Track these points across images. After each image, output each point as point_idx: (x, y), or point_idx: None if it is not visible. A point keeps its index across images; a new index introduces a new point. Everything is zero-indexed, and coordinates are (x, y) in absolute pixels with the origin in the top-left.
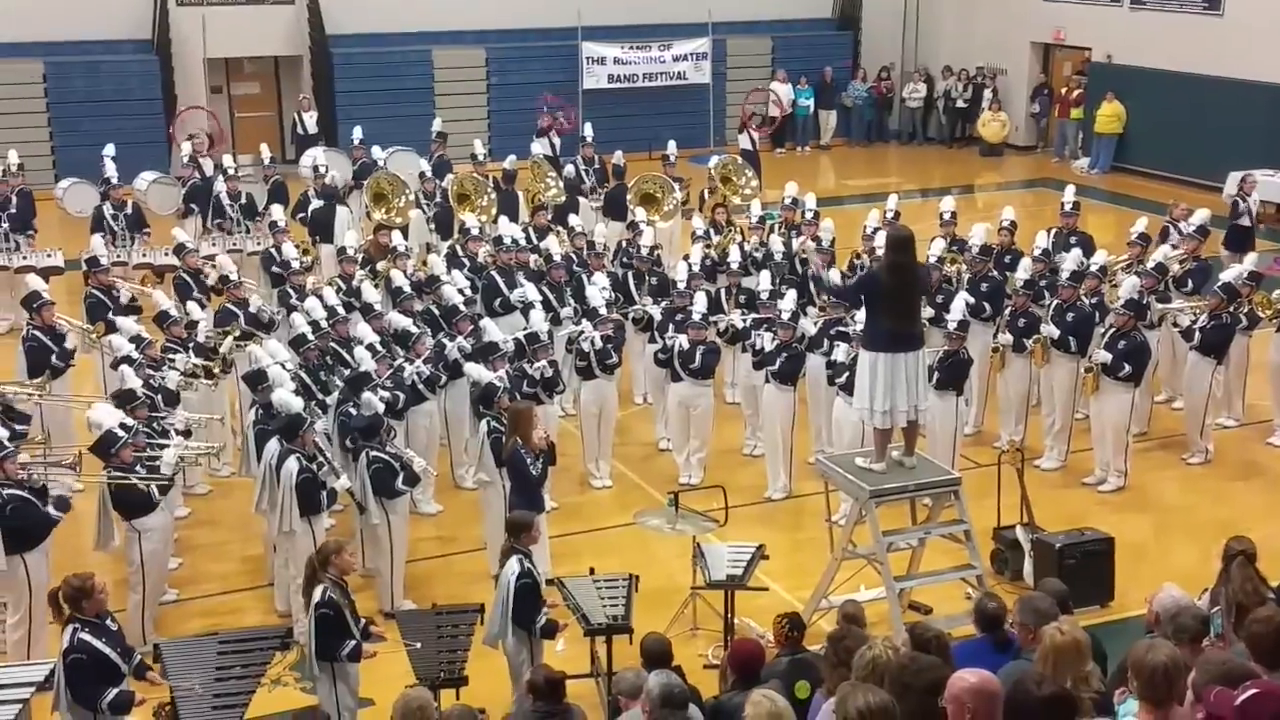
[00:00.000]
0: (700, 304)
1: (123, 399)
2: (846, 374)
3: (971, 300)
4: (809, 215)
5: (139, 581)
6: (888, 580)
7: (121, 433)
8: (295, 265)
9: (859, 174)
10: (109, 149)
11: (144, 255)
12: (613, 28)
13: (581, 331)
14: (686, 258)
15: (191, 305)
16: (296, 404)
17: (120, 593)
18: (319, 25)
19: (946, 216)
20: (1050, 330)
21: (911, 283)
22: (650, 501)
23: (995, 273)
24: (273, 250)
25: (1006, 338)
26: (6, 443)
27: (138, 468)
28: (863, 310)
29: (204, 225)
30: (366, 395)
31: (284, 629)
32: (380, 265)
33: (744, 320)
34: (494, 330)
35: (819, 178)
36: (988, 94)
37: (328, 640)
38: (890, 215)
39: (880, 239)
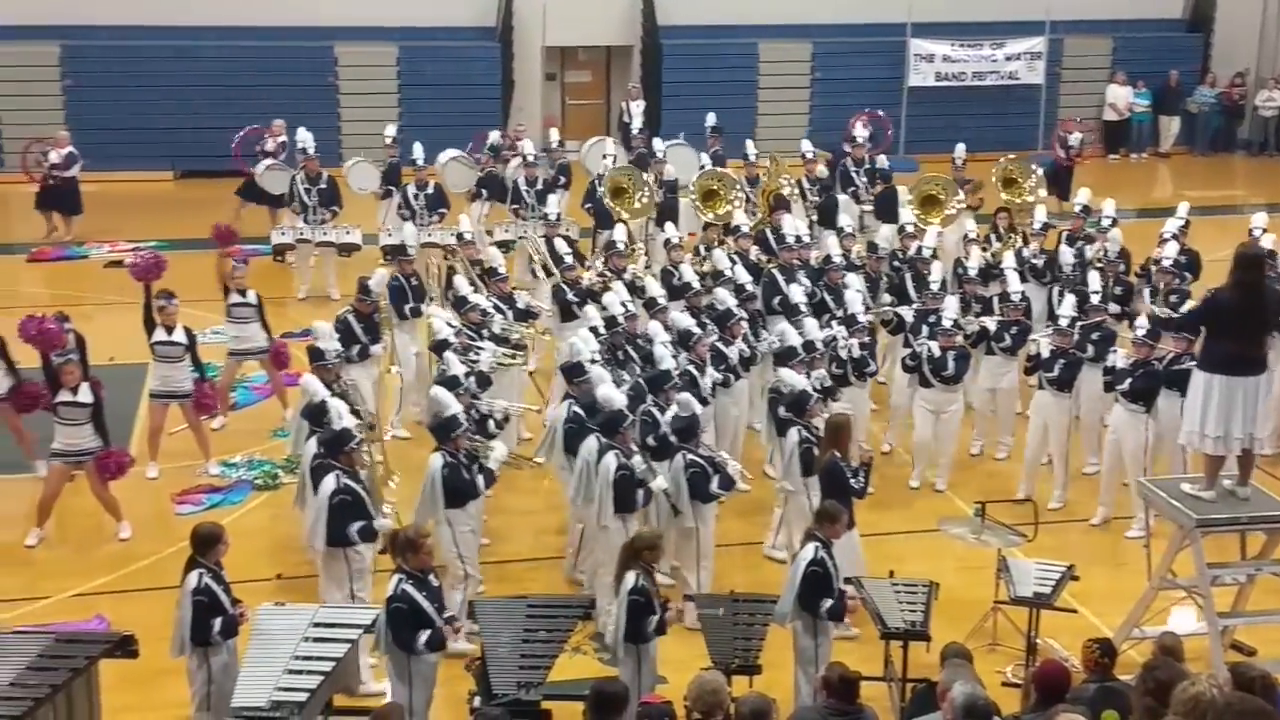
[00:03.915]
0: (951, 309)
1: (448, 385)
2: (1129, 380)
3: None
4: (1105, 223)
5: (460, 570)
6: (1210, 615)
7: (464, 419)
8: (567, 260)
9: (1200, 185)
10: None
11: (430, 235)
12: (944, 24)
13: (835, 338)
14: (959, 261)
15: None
16: (619, 400)
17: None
18: (651, 16)
19: (1256, 232)
20: None
21: (1259, 304)
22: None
23: None
24: (541, 241)
25: None
26: (355, 430)
27: (461, 456)
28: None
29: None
30: (685, 396)
31: (588, 599)
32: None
33: (994, 323)
34: (792, 333)
35: (1155, 187)
36: None
37: (637, 624)
38: (1180, 226)
39: (1169, 249)
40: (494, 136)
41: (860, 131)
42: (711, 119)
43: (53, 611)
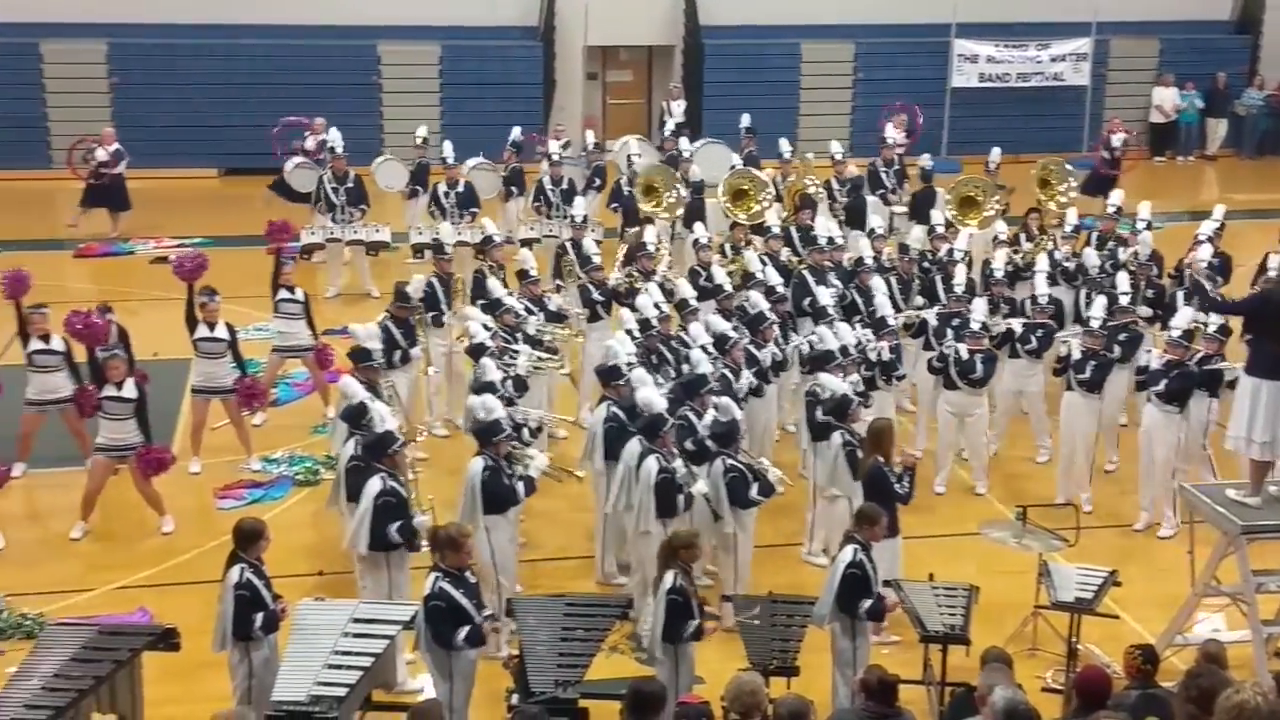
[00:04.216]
0: (979, 311)
1: (484, 390)
2: (1165, 381)
3: None
4: (1139, 226)
5: (493, 579)
6: (1254, 623)
7: (507, 424)
8: (595, 260)
9: (1247, 188)
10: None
11: (460, 234)
12: (989, 25)
13: (861, 343)
14: (987, 263)
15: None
16: (660, 404)
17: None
18: (693, 15)
19: None
20: None
21: None
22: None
23: None
24: (568, 243)
25: None
26: (399, 434)
27: (502, 461)
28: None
29: (536, 207)
30: (725, 400)
31: (626, 598)
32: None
33: (1020, 325)
34: (830, 337)
35: (1201, 190)
36: None
37: (675, 624)
38: (1215, 229)
39: (1204, 252)
40: (515, 132)
41: (891, 133)
42: (746, 120)
43: (97, 604)
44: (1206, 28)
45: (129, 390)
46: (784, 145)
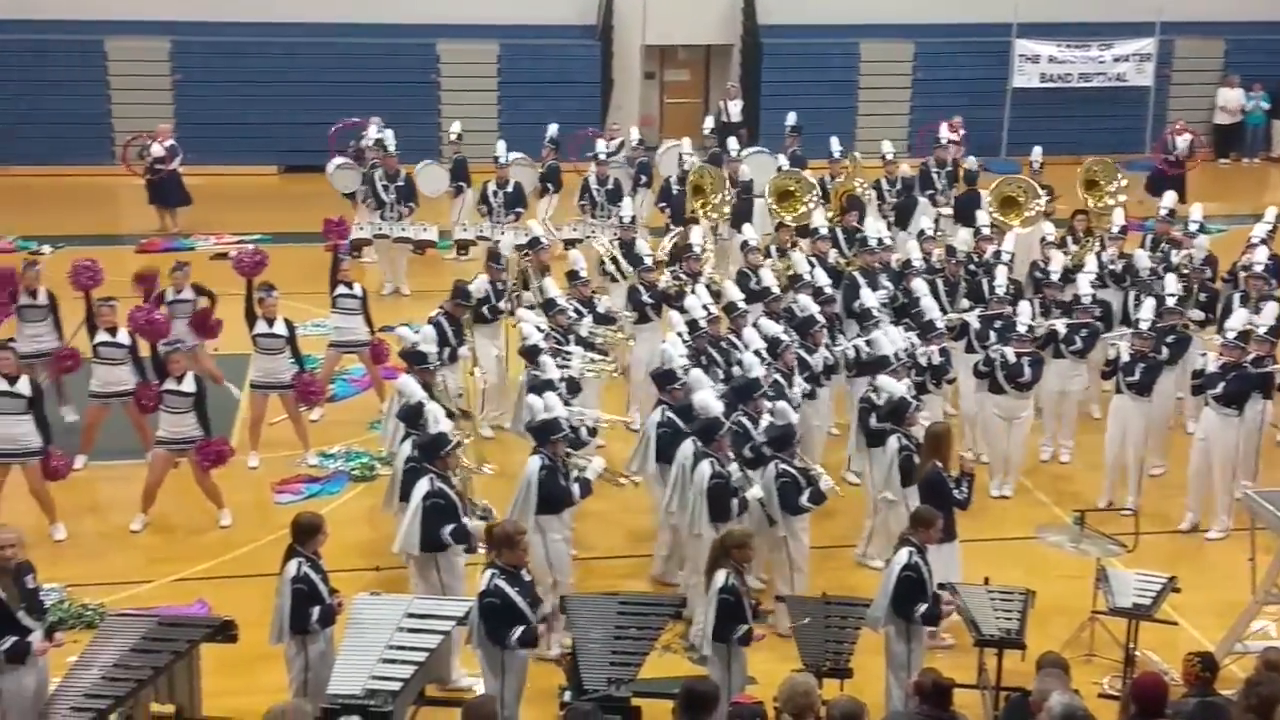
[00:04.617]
0: (1025, 313)
1: (540, 391)
2: (1223, 383)
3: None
4: (1192, 228)
5: (549, 579)
6: None
7: (564, 423)
8: (646, 261)
9: None
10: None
11: (504, 234)
12: (1051, 25)
13: (910, 347)
14: (1035, 264)
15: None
16: (716, 407)
17: None
18: (752, 15)
19: None
20: None
21: None
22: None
23: None
24: (614, 244)
25: None
26: (452, 435)
27: (557, 461)
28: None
29: (582, 208)
30: (782, 405)
31: (679, 598)
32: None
33: (1064, 326)
34: (885, 341)
35: (1265, 192)
36: None
37: (726, 623)
38: (1268, 230)
39: (1259, 254)
40: (553, 130)
41: (945, 133)
42: (791, 118)
43: (156, 595)
44: (1274, 28)
45: (188, 384)
46: (834, 144)
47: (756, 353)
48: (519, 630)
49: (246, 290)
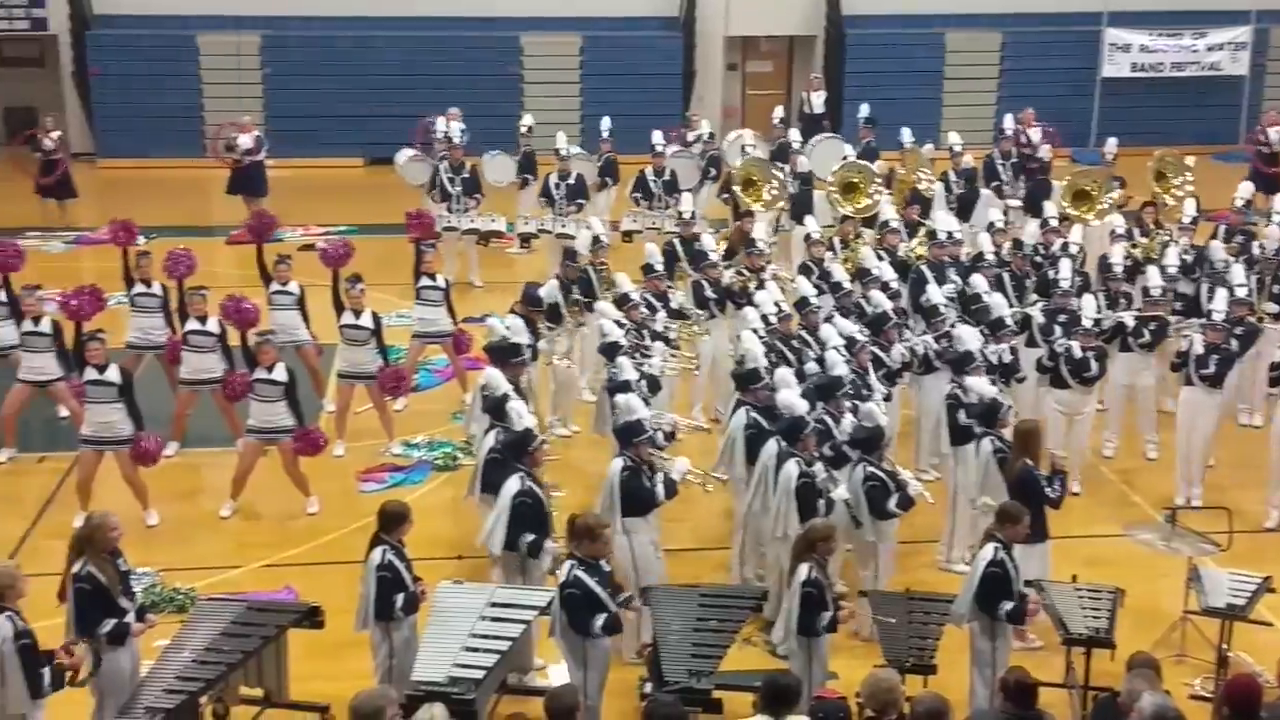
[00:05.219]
0: (1090, 307)
1: (619, 390)
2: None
3: None
4: (1276, 220)
5: (633, 581)
6: None
7: (649, 425)
8: (711, 256)
9: None
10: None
11: (563, 226)
12: (1143, 13)
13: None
14: (1104, 258)
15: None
16: (802, 406)
17: None
18: (836, 5)
19: None
20: None
21: None
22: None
23: None
24: (676, 241)
25: None
26: (537, 431)
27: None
28: None
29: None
30: (869, 406)
31: (761, 590)
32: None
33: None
34: (970, 337)
35: None
36: None
37: (809, 616)
38: None
39: None
40: (606, 123)
41: (1009, 124)
42: (864, 110)
43: (245, 581)
44: None
45: (279, 373)
46: (905, 135)
47: (837, 350)
48: (602, 617)
49: (333, 281)
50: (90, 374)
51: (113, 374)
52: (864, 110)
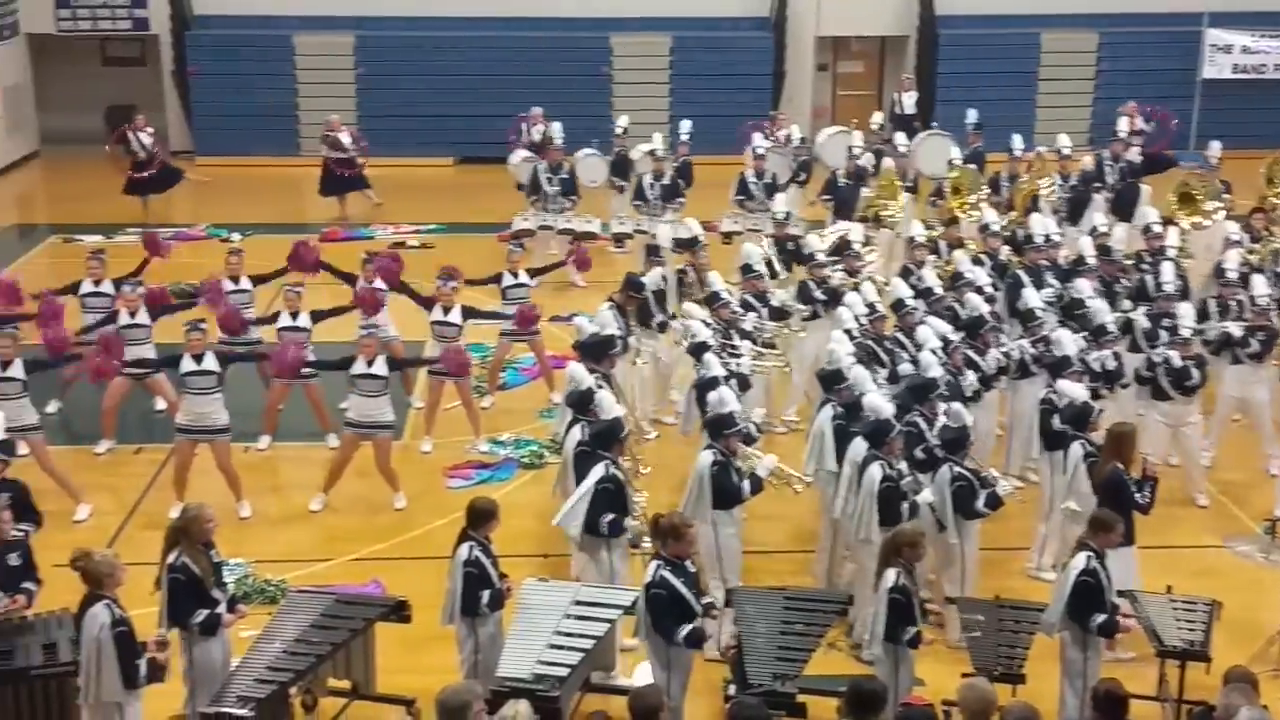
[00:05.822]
0: (1187, 315)
1: (707, 388)
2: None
3: None
4: None
5: (716, 571)
6: None
7: (739, 419)
8: (819, 258)
9: None
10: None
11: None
12: (1244, 13)
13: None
14: (1219, 264)
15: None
16: (887, 409)
17: None
18: (929, 4)
19: None
20: None
21: None
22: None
23: None
24: (771, 240)
25: None
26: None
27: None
28: None
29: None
30: (956, 406)
31: (846, 594)
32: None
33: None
34: (1067, 342)
35: None
36: None
37: (896, 623)
38: None
39: None
40: (685, 125)
41: (1123, 125)
42: (973, 115)
43: (333, 574)
44: None
45: (380, 367)
46: (1016, 140)
47: (933, 352)
48: (686, 629)
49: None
50: (188, 364)
51: (210, 362)
52: (972, 115)
